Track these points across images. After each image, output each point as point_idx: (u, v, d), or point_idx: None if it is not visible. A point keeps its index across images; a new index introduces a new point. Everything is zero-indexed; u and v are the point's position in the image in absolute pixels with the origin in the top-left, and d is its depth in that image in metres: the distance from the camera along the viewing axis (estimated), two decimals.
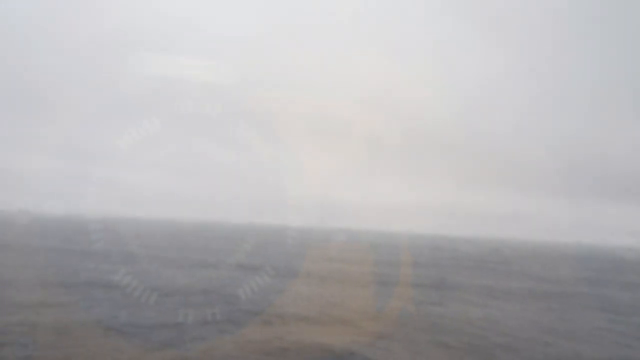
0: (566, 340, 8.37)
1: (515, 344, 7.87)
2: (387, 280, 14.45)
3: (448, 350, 7.19)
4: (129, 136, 8.43)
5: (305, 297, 11.03)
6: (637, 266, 34.59)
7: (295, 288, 12.10)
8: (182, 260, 16.63)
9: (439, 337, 7.81)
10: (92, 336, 7.29)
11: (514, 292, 13.92)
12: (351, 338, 7.67)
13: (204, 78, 10.51)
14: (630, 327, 9.81)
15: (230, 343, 6.98)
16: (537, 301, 12.58)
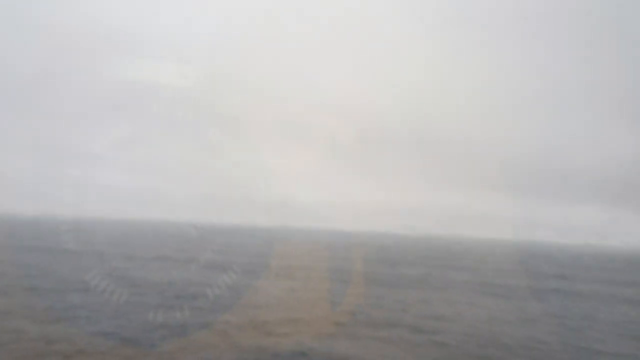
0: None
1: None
2: (337, 276, 15.30)
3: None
4: (103, 138, 8.95)
5: (267, 295, 11.55)
6: (577, 260, 37.23)
7: (259, 286, 12.59)
8: (152, 259, 16.82)
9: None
10: (57, 336, 7.52)
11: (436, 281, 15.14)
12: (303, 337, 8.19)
13: (176, 82, 10.94)
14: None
15: (195, 342, 7.36)
16: (451, 290, 13.79)
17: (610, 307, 12.21)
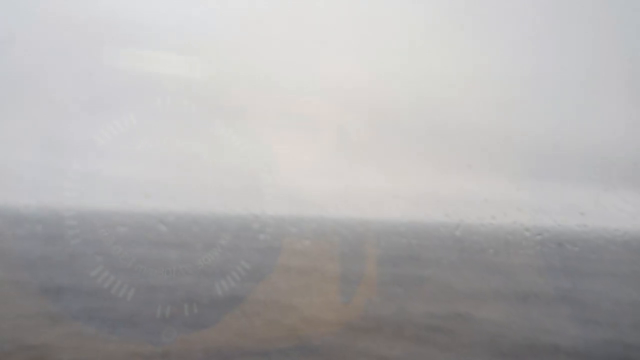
0: None
1: None
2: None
3: None
4: (106, 130, 8.53)
5: (278, 290, 11.29)
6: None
7: (269, 280, 12.31)
8: (158, 254, 16.62)
9: None
10: (67, 332, 7.33)
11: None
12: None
13: (182, 74, 10.58)
14: None
15: (204, 338, 7.12)
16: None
17: None
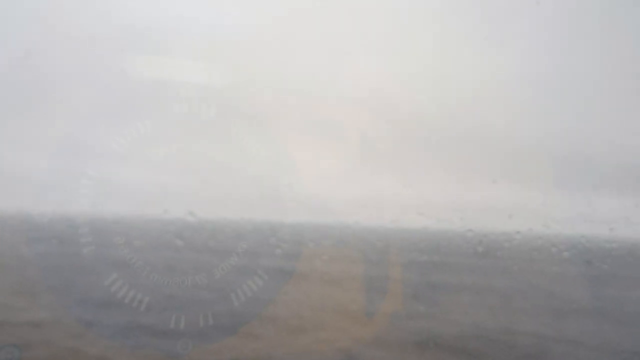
0: None
1: None
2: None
3: None
4: (124, 137, 8.41)
5: (298, 301, 11.08)
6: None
7: (289, 290, 12.14)
8: (174, 262, 16.56)
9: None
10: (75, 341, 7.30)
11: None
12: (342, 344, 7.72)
13: (197, 79, 10.46)
14: None
15: (219, 350, 7.01)
16: None
17: None
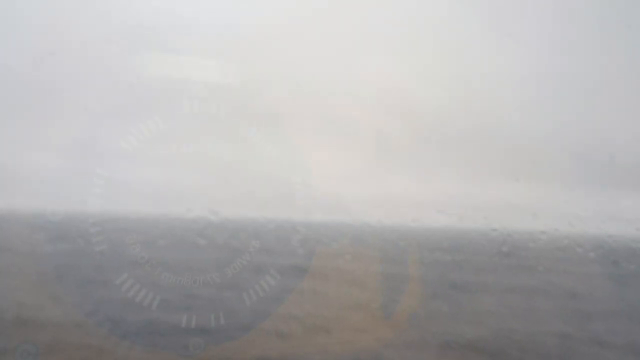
0: None
1: None
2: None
3: None
4: (134, 135, 8.29)
5: (314, 300, 10.89)
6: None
7: (303, 289, 11.96)
8: (186, 262, 16.46)
9: None
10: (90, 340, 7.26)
11: None
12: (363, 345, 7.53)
13: (209, 78, 10.34)
14: None
15: (229, 351, 6.87)
16: None
17: None
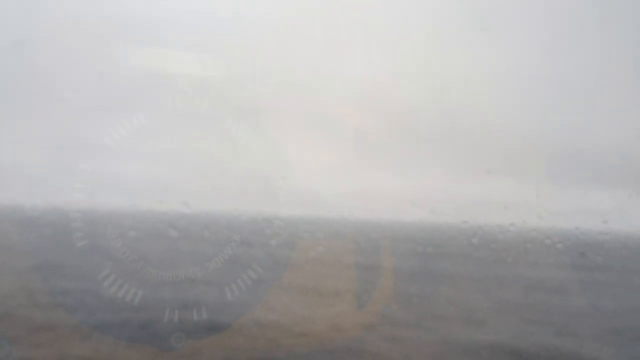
0: None
1: None
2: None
3: None
4: (116, 129, 8.34)
5: (293, 292, 11.08)
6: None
7: (283, 283, 12.13)
8: (168, 257, 16.44)
9: None
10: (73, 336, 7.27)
11: None
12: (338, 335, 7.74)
13: (192, 71, 10.37)
14: None
15: (214, 345, 7.00)
16: None
17: None
